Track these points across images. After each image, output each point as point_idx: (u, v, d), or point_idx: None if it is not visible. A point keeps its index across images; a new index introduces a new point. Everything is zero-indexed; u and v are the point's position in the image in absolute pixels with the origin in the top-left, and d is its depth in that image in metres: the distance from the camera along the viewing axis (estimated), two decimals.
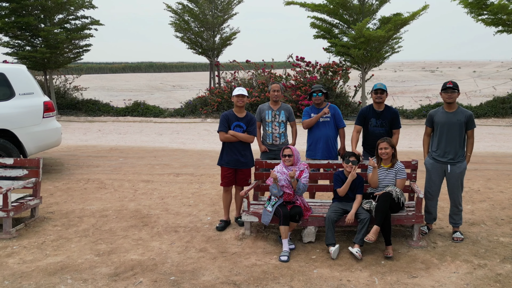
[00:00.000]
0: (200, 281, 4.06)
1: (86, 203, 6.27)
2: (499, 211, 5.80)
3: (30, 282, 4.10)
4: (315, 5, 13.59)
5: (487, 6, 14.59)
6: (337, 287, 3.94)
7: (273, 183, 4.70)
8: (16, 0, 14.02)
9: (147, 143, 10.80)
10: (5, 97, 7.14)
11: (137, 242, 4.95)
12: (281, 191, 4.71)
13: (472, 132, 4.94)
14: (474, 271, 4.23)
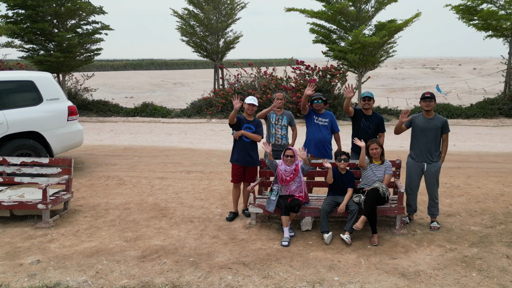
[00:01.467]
0: (214, 261, 4.82)
1: (109, 198, 7.02)
2: (474, 204, 6.54)
3: (72, 262, 4.86)
4: (314, 12, 14.29)
5: (477, 12, 15.30)
6: (330, 266, 4.69)
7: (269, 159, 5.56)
8: (31, 7, 14.76)
9: (158, 142, 11.54)
10: (34, 103, 7.88)
11: (158, 231, 5.70)
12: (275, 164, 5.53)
13: (446, 135, 5.68)
14: (445, 253, 4.98)
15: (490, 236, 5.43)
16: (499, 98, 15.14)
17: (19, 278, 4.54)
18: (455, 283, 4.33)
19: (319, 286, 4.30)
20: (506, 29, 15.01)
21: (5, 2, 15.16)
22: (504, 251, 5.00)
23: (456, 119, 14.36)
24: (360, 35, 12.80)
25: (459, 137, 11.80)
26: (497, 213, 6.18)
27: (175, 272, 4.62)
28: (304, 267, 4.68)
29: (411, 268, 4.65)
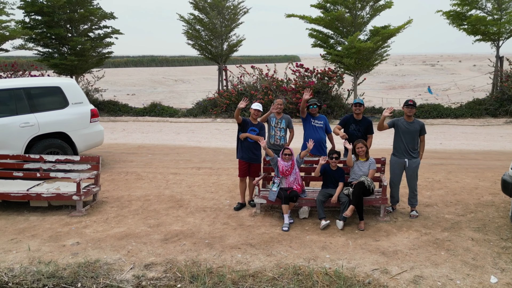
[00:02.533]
0: (226, 243, 5.69)
1: (130, 191, 7.89)
2: (451, 196, 7.40)
3: (106, 244, 5.74)
4: (312, 19, 15.11)
5: (466, 18, 16.11)
6: (323, 247, 5.56)
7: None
8: (48, 14, 15.60)
9: (168, 141, 12.40)
10: (61, 106, 8.73)
11: (176, 218, 6.57)
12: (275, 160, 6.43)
13: (423, 137, 6.53)
14: (420, 237, 5.85)
15: (460, 222, 6.29)
16: (487, 99, 15.97)
17: (64, 256, 5.42)
18: (426, 260, 5.21)
19: (313, 262, 5.17)
20: (493, 34, 15.82)
21: (23, 8, 16.01)
22: (470, 235, 5.87)
23: (445, 118, 15.20)
24: (355, 40, 13.63)
25: (446, 136, 12.65)
26: (469, 203, 7.04)
27: (193, 251, 5.50)
28: (301, 247, 5.56)
29: (391, 248, 5.52)
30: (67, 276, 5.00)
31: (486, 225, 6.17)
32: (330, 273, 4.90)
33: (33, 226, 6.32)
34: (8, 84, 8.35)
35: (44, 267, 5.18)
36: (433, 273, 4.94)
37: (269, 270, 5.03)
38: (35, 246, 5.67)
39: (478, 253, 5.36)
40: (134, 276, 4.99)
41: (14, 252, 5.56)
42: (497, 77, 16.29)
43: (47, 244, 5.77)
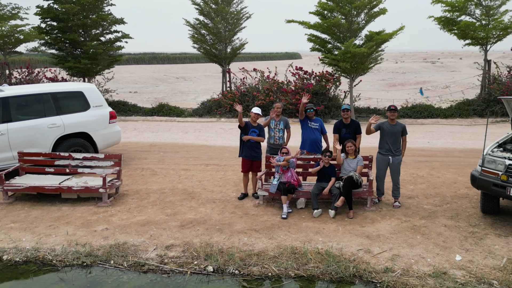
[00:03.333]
0: (234, 228, 6.59)
1: (147, 185, 8.78)
2: (431, 190, 8.28)
3: (131, 229, 6.63)
4: (310, 25, 15.94)
5: (456, 23, 16.93)
6: (316, 232, 6.45)
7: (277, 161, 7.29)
8: (63, 20, 16.47)
9: (177, 140, 13.27)
10: (84, 109, 9.62)
11: (190, 208, 7.46)
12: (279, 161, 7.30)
13: (405, 137, 7.39)
14: (401, 224, 6.74)
15: (436, 212, 7.18)
16: (475, 100, 16.81)
17: (97, 239, 6.33)
18: (403, 242, 6.10)
19: (308, 243, 6.07)
20: (481, 39, 16.64)
21: (39, 15, 16.88)
22: (444, 222, 6.75)
23: (435, 118, 16.05)
24: (350, 46, 14.46)
25: (434, 135, 13.51)
26: (447, 196, 7.92)
27: (206, 235, 6.40)
28: (298, 232, 6.46)
29: (374, 233, 6.42)
30: (101, 255, 5.91)
31: (459, 214, 7.06)
32: (322, 252, 5.80)
33: (66, 215, 7.22)
34: (37, 90, 9.24)
35: (81, 248, 6.09)
36: (409, 252, 5.83)
37: (270, 250, 5.93)
38: (70, 231, 6.57)
39: (448, 237, 6.25)
40: (157, 255, 5.90)
41: (54, 236, 6.46)
42: (485, 79, 17.12)
43: (80, 229, 6.67)
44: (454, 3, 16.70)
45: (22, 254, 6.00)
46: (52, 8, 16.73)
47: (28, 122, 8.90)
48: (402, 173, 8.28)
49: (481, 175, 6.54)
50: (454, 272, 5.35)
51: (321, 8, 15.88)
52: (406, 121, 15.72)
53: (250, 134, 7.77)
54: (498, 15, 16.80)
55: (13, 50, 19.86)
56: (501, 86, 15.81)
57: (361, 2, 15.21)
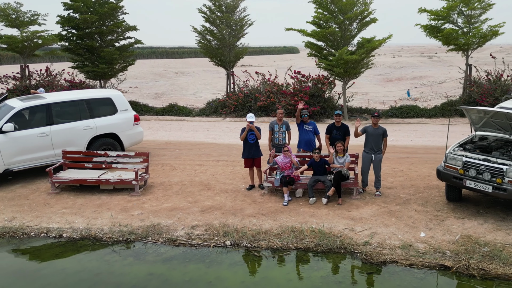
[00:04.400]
0: (245, 213, 8.03)
1: (169, 178, 10.20)
2: (408, 182, 9.72)
3: (162, 214, 8.07)
4: (307, 33, 17.30)
5: (440, 30, 18.30)
6: (311, 215, 7.90)
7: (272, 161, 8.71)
8: (82, 29, 17.81)
9: (189, 138, 14.66)
10: (112, 113, 11.01)
11: (207, 197, 8.89)
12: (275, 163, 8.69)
13: (386, 138, 8.81)
14: (380, 209, 8.19)
15: (410, 200, 8.62)
16: (457, 101, 18.21)
17: (135, 221, 7.77)
18: (380, 223, 7.56)
19: (304, 224, 7.51)
20: (463, 45, 18.00)
21: (60, 23, 18.20)
22: (415, 208, 8.20)
23: (420, 118, 17.45)
24: (343, 53, 15.83)
25: (417, 134, 14.93)
26: (420, 187, 9.36)
27: (223, 218, 7.84)
28: (296, 215, 7.91)
29: (358, 216, 7.87)
30: (141, 233, 7.36)
31: (428, 201, 8.51)
32: (315, 230, 7.25)
33: (106, 203, 8.66)
34: (73, 97, 10.63)
35: (124, 227, 7.54)
36: (384, 231, 7.29)
37: (275, 229, 7.38)
38: (113, 215, 8.01)
39: (417, 219, 7.71)
40: (185, 233, 7.35)
41: (100, 219, 7.91)
42: (466, 82, 18.53)
43: (120, 214, 8.11)
44: (438, 12, 18.04)
45: (77, 233, 7.45)
46: (73, 18, 18.04)
47: (67, 125, 10.29)
48: (384, 168, 9.74)
49: (444, 170, 7.99)
50: (417, 245, 6.82)
51: (317, 18, 17.23)
52: (393, 120, 17.16)
53: (248, 137, 9.13)
54: (479, 23, 18.15)
55: (32, 54, 21.21)
56: (480, 89, 17.21)
57: (353, 13, 16.57)
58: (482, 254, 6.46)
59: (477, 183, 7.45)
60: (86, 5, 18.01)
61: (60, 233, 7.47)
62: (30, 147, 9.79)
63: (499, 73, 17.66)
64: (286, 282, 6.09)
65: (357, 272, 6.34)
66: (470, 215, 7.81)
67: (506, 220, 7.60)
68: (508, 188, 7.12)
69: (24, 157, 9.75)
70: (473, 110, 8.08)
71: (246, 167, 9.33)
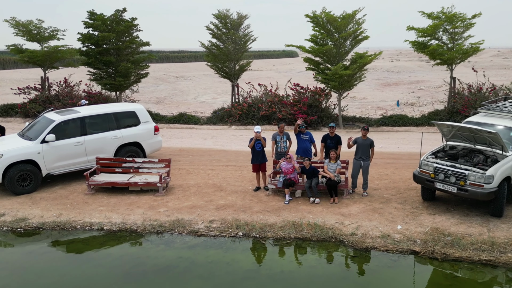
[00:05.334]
0: (253, 210, 9.50)
1: (186, 181, 11.66)
2: (391, 184, 11.18)
3: (183, 211, 9.54)
4: (306, 49, 18.83)
5: (427, 46, 19.82)
6: (308, 212, 9.36)
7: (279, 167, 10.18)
8: (101, 45, 19.36)
9: (199, 145, 16.12)
10: (136, 124, 12.48)
11: (220, 197, 10.35)
12: (280, 169, 10.16)
13: (373, 148, 10.25)
14: (365, 206, 9.66)
15: (391, 199, 10.09)
16: (442, 110, 19.70)
17: (162, 217, 9.23)
18: (365, 218, 9.02)
19: (303, 219, 8.97)
20: (447, 59, 19.50)
21: (81, 40, 19.74)
22: (395, 206, 9.66)
23: (408, 126, 18.94)
24: (338, 69, 17.34)
25: (404, 141, 16.40)
26: (401, 188, 10.83)
27: (235, 214, 9.31)
28: (296, 212, 9.37)
29: (347, 212, 9.33)
30: (168, 226, 8.82)
31: (406, 200, 9.98)
32: (312, 224, 8.72)
33: (135, 202, 10.13)
34: (103, 111, 12.11)
35: (154, 222, 9.01)
36: (368, 224, 8.76)
37: (278, 223, 8.85)
38: (143, 212, 9.49)
39: (395, 215, 9.17)
40: (205, 226, 8.82)
41: (132, 215, 9.38)
42: (450, 94, 20.03)
43: (149, 211, 9.58)
44: (424, 30, 19.57)
45: (115, 226, 8.92)
46: (92, 35, 19.57)
47: (98, 135, 11.77)
48: (372, 172, 11.20)
49: (419, 174, 9.47)
50: (394, 235, 8.29)
51: (314, 36, 18.76)
52: (384, 129, 18.65)
53: (256, 145, 10.61)
54: (462, 39, 19.68)
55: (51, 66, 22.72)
56: (461, 100, 18.72)
57: (347, 32, 18.11)
58: (445, 242, 7.93)
59: (445, 185, 8.93)
60: (104, 23, 19.54)
61: (101, 226, 8.93)
62: (68, 154, 11.26)
63: (479, 85, 19.18)
64: (288, 263, 7.57)
65: (344, 256, 7.81)
66: (440, 212, 9.29)
67: (469, 215, 9.08)
68: (469, 189, 8.60)
69: (62, 163, 11.22)
70: (443, 124, 9.57)
71: (254, 171, 10.81)
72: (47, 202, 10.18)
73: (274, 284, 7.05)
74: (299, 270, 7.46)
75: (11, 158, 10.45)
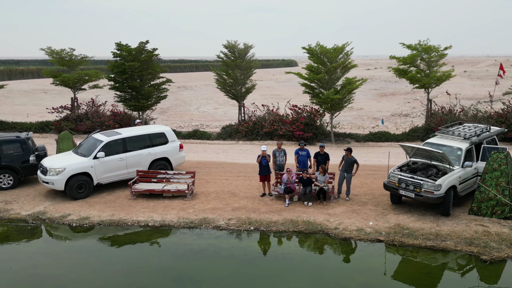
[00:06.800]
0: (261, 211, 12.10)
1: (206, 188, 14.26)
2: (369, 191, 13.77)
3: (207, 211, 12.14)
4: (303, 76, 21.57)
5: (407, 73, 22.54)
6: (303, 212, 11.96)
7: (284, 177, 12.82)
8: (127, 73, 22.13)
9: (213, 158, 18.74)
10: (165, 143, 15.09)
11: (235, 201, 12.94)
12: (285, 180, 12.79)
13: (357, 165, 12.85)
14: (347, 208, 12.29)
15: (368, 202, 12.68)
16: (419, 128, 22.36)
17: (191, 216, 11.84)
18: (346, 217, 11.63)
19: (299, 217, 11.57)
20: (424, 83, 22.19)
21: (110, 68, 22.51)
22: (370, 207, 12.26)
23: (390, 142, 21.55)
24: (330, 94, 20.04)
25: (385, 155, 18.96)
26: (376, 194, 13.41)
27: (247, 214, 11.92)
28: (294, 212, 11.97)
29: (332, 213, 11.93)
30: (197, 223, 11.44)
31: (379, 203, 12.58)
32: (305, 221, 11.33)
33: (169, 205, 12.73)
34: (139, 132, 14.74)
35: (186, 219, 11.62)
36: (348, 221, 11.36)
37: (280, 220, 11.45)
38: (177, 212, 12.11)
39: (369, 214, 11.78)
40: (224, 223, 11.42)
41: (169, 214, 11.98)
42: (427, 113, 22.72)
43: (180, 212, 12.19)
44: (405, 59, 22.32)
45: (157, 223, 11.53)
46: (120, 64, 22.33)
47: (136, 152, 14.41)
48: (354, 181, 13.81)
49: (388, 183, 12.09)
50: (366, 229, 10.89)
51: (310, 66, 21.52)
52: (369, 144, 21.27)
53: (262, 161, 13.24)
54: (437, 67, 22.42)
55: (80, 88, 25.47)
56: (435, 120, 21.40)
57: (337, 63, 20.86)
58: (403, 234, 10.54)
59: (406, 192, 11.55)
60: (130, 54, 22.32)
61: (147, 223, 11.54)
62: (113, 167, 13.90)
63: (450, 107, 21.88)
64: (287, 248, 10.18)
65: (329, 243, 10.42)
66: (404, 212, 11.90)
67: (425, 215, 11.68)
68: (423, 195, 11.22)
69: (109, 175, 13.86)
70: (405, 146, 12.22)
71: (261, 181, 13.43)
72: (100, 205, 12.79)
73: (277, 262, 9.63)
74: (295, 252, 10.06)
75: (72, 171, 13.10)
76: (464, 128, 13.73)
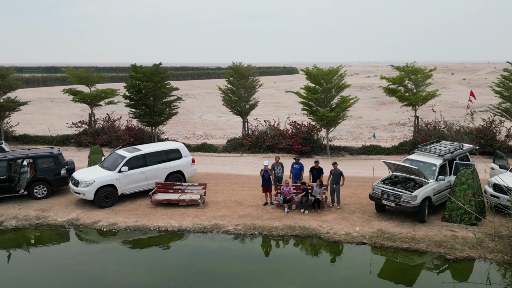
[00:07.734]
0: (264, 218, 13.85)
1: (215, 198, 16.03)
2: (358, 200, 15.50)
3: (218, 218, 13.91)
4: (301, 95, 23.45)
5: (396, 92, 24.39)
6: (299, 219, 13.71)
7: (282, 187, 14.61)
8: (142, 92, 24.05)
9: (220, 170, 20.51)
10: (179, 158, 16.90)
11: (241, 209, 14.68)
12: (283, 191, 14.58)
13: (343, 177, 14.65)
14: (338, 215, 14.02)
15: (356, 210, 14.43)
16: (407, 142, 24.13)
17: (204, 222, 13.62)
18: (336, 223, 13.37)
19: (296, 223, 13.32)
20: (412, 101, 24.00)
21: (126, 87, 24.43)
22: (357, 215, 14.02)
23: (380, 155, 23.30)
24: (325, 113, 21.88)
25: (375, 168, 20.75)
26: (364, 203, 15.15)
27: (252, 221, 13.66)
28: (292, 219, 13.71)
29: (325, 219, 13.68)
30: (209, 228, 13.20)
31: (366, 211, 14.32)
32: (302, 226, 13.09)
33: (184, 212, 14.51)
34: (157, 148, 16.56)
35: (200, 225, 13.38)
36: (338, 227, 13.11)
37: (280, 226, 13.20)
38: (192, 219, 13.89)
39: (357, 221, 13.53)
40: (233, 228, 13.19)
41: (185, 221, 13.76)
42: (415, 129, 24.51)
43: (194, 218, 13.96)
44: (394, 79, 24.19)
45: (175, 228, 13.29)
46: (136, 84, 24.26)
47: (154, 166, 16.22)
48: (344, 192, 15.56)
49: (372, 194, 13.86)
50: (353, 233, 12.64)
51: (307, 86, 23.42)
52: (361, 157, 23.04)
53: (264, 174, 15.02)
54: (424, 86, 24.27)
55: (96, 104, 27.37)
56: (421, 135, 23.20)
57: (332, 84, 22.75)
58: (384, 237, 12.29)
59: (388, 202, 13.32)
60: (145, 75, 24.23)
61: (166, 228, 13.31)
62: (135, 179, 15.71)
63: (435, 123, 23.71)
64: (286, 249, 11.94)
65: (321, 245, 12.18)
66: (386, 219, 13.65)
67: (405, 222, 13.43)
68: (402, 205, 12.97)
69: (131, 186, 15.66)
70: (387, 162, 14.01)
71: (263, 192, 15.22)
72: (125, 212, 14.58)
73: (277, 261, 11.38)
74: (293, 253, 11.81)
75: (100, 183, 14.92)
76: (441, 145, 15.52)
